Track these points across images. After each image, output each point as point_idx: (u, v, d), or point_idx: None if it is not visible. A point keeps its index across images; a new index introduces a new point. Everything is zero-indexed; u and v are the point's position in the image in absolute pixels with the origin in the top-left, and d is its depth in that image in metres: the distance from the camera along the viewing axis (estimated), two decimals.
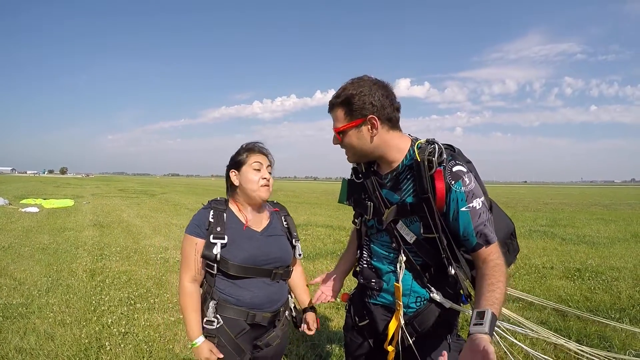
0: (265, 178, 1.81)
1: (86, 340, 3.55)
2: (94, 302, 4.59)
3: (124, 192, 31.36)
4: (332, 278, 1.96)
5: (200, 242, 1.74)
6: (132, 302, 4.64)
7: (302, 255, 1.97)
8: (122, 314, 4.25)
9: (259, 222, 1.87)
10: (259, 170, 1.80)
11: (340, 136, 1.55)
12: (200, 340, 1.70)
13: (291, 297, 2.01)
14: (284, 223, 1.97)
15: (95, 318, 4.11)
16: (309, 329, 1.98)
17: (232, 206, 1.86)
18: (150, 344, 3.54)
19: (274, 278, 1.81)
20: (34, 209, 14.58)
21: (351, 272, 1.94)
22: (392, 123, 1.53)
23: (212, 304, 1.74)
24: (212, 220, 1.75)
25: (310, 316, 2.00)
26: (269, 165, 1.86)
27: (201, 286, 1.82)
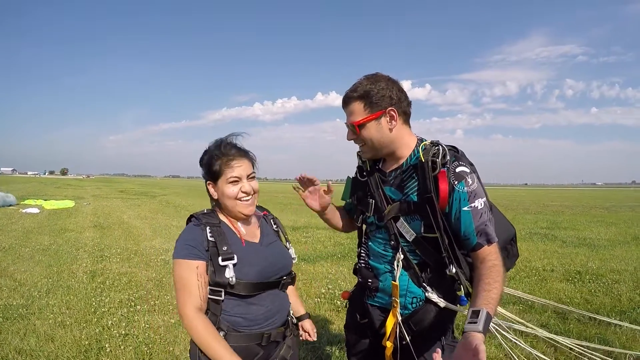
0: (244, 192, 1.57)
1: (86, 342, 3.55)
2: (94, 303, 4.59)
3: (124, 194, 31.41)
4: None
5: (202, 265, 1.48)
6: (133, 303, 4.64)
7: (296, 259, 1.78)
8: (122, 315, 4.25)
9: (252, 233, 1.67)
10: (237, 183, 1.56)
11: (358, 129, 1.56)
12: None
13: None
14: (274, 226, 1.79)
15: (95, 320, 4.11)
16: (310, 336, 1.89)
17: (223, 218, 1.63)
18: (150, 346, 3.53)
19: (282, 288, 1.65)
20: (35, 210, 14.60)
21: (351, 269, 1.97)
22: (407, 117, 1.59)
23: (221, 334, 1.49)
24: (212, 239, 1.51)
25: (308, 324, 1.90)
26: (251, 174, 1.60)
27: None
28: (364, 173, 1.72)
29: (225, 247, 1.50)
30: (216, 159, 1.57)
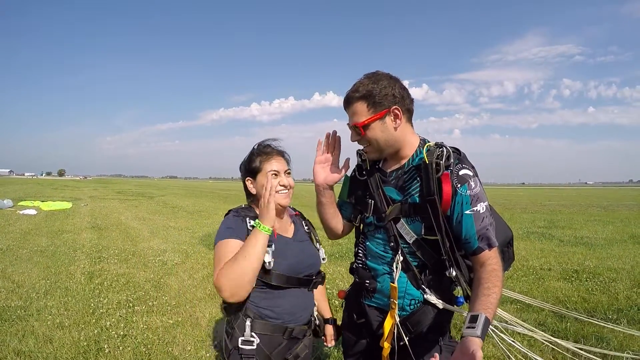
0: (283, 185, 1.68)
1: (85, 343, 3.55)
2: (92, 304, 4.59)
3: (121, 195, 31.33)
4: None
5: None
6: (131, 304, 4.63)
7: (325, 260, 1.84)
8: (120, 316, 4.25)
9: (285, 228, 1.76)
10: (275, 177, 1.67)
11: (363, 130, 1.52)
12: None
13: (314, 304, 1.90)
14: (306, 227, 1.88)
15: (93, 321, 4.10)
16: (329, 341, 1.95)
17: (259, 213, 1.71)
18: (149, 346, 3.54)
19: (312, 287, 1.73)
20: (32, 212, 14.53)
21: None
22: (410, 115, 1.57)
23: (248, 321, 1.58)
24: (251, 228, 1.58)
25: (329, 329, 1.96)
26: (287, 170, 1.72)
27: (230, 304, 1.63)
28: (364, 172, 1.70)
29: None
30: (256, 156, 1.71)
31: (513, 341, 1.82)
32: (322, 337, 1.96)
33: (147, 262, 6.97)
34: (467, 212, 1.43)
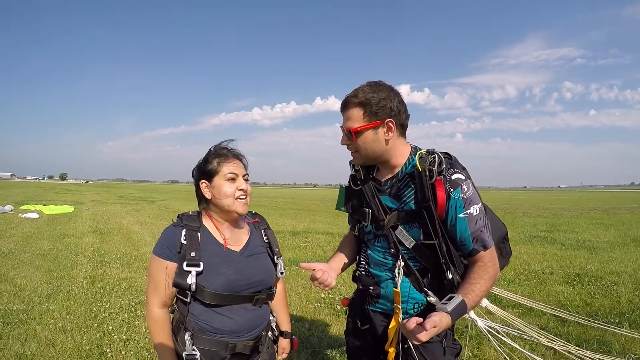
0: (242, 189, 1.58)
1: (87, 347, 3.56)
2: (94, 308, 4.60)
3: (123, 199, 31.39)
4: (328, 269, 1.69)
5: (171, 266, 1.52)
6: (133, 309, 4.64)
7: (284, 274, 1.74)
8: (123, 321, 4.26)
9: (237, 239, 1.64)
10: (233, 180, 1.57)
11: (355, 136, 1.54)
12: None
13: (273, 316, 1.83)
14: (264, 237, 1.74)
15: (96, 325, 4.11)
16: (280, 353, 1.86)
17: (207, 222, 1.63)
18: (151, 351, 3.53)
19: (256, 303, 1.61)
20: (34, 215, 14.59)
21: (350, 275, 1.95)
22: (403, 129, 1.59)
23: (187, 335, 1.52)
24: (184, 242, 1.52)
25: (282, 342, 1.84)
26: (245, 174, 1.62)
27: (172, 312, 1.62)
28: (358, 182, 1.72)
29: (194, 253, 1.50)
30: (212, 158, 1.59)
31: (513, 343, 1.82)
32: (276, 348, 1.87)
33: (148, 266, 6.96)
34: (461, 215, 1.47)
